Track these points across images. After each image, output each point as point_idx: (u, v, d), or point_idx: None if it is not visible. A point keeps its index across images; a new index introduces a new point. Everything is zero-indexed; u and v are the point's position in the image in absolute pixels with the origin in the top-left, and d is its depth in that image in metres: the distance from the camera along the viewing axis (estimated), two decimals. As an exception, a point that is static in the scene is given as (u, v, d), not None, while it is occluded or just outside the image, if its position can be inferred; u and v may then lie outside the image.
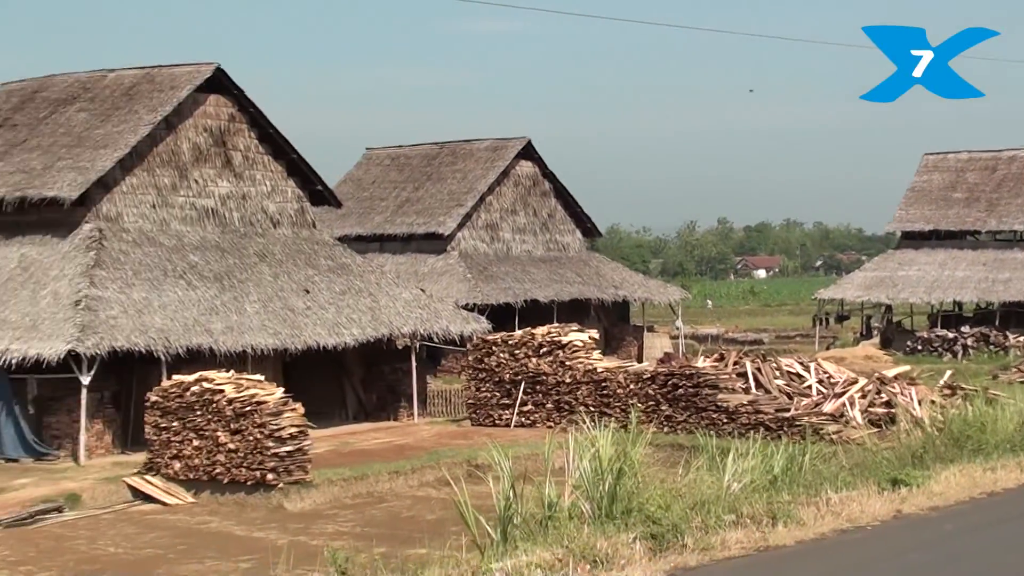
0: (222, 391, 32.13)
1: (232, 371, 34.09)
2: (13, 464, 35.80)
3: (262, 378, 33.61)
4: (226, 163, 43.82)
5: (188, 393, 32.61)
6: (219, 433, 31.84)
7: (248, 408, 31.61)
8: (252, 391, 31.96)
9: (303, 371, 42.17)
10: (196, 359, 36.95)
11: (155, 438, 32.98)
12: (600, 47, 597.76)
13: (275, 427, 31.21)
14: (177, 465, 32.43)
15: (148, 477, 32.60)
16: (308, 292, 42.74)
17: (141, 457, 34.02)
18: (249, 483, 31.39)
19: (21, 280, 38.57)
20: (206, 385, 32.49)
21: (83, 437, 35.79)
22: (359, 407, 45.83)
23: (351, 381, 45.87)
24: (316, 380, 42.86)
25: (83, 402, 35.62)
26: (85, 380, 35.41)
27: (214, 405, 32.06)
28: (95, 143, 41.35)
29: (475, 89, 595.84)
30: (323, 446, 36.19)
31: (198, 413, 32.30)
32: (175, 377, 33.69)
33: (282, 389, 33.07)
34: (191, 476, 32.25)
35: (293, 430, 31.41)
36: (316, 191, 47.31)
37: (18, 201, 40.05)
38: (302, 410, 32.09)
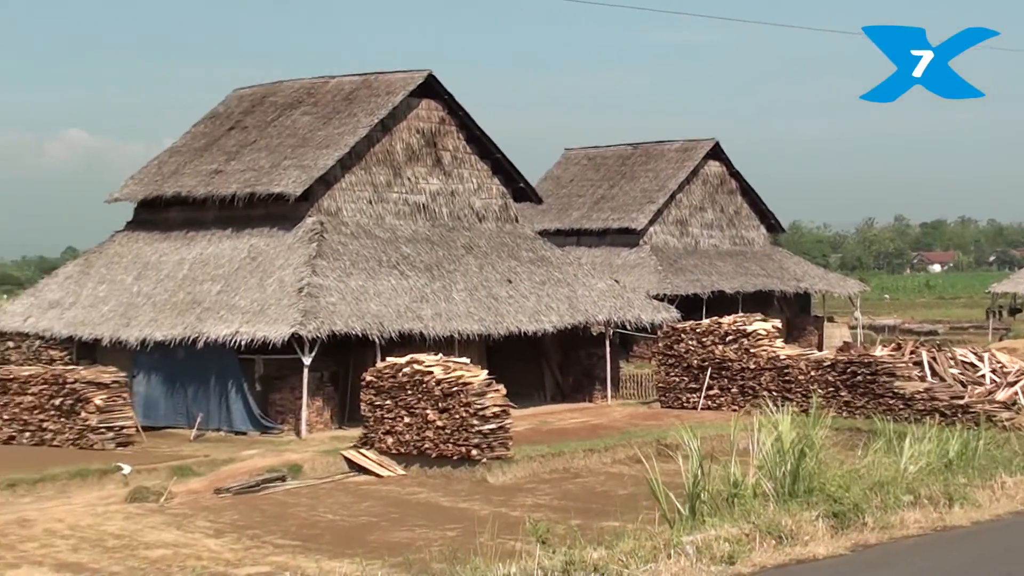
0: (431, 372, 32.33)
1: (440, 354, 34.27)
2: (242, 437, 36.51)
3: (468, 361, 33.73)
4: (436, 162, 44.12)
5: (400, 374, 32.87)
6: (428, 411, 32.04)
7: (455, 389, 31.76)
8: (459, 373, 32.10)
9: (505, 355, 42.28)
10: (407, 343, 37.26)
11: (370, 415, 33.30)
12: (779, 54, 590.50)
13: (479, 406, 31.32)
14: (389, 440, 32.72)
15: (363, 451, 32.94)
16: (511, 282, 42.86)
17: (356, 432, 34.39)
18: (455, 458, 31.54)
19: (250, 269, 39.27)
20: (417, 367, 32.71)
21: (304, 413, 36.35)
22: (556, 389, 45.86)
23: (549, 365, 45.93)
24: (517, 363, 42.95)
25: (305, 381, 36.17)
26: (307, 361, 35.93)
27: (424, 385, 32.28)
28: (317, 144, 41.92)
29: (665, 93, 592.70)
30: (523, 425, 36.26)
31: (409, 392, 32.54)
32: (388, 359, 33.97)
33: (486, 371, 33.18)
34: (402, 450, 32.50)
35: (496, 409, 31.49)
36: (519, 188, 47.38)
37: (248, 196, 40.82)
38: (504, 391, 32.16)
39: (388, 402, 32.88)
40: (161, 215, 43.52)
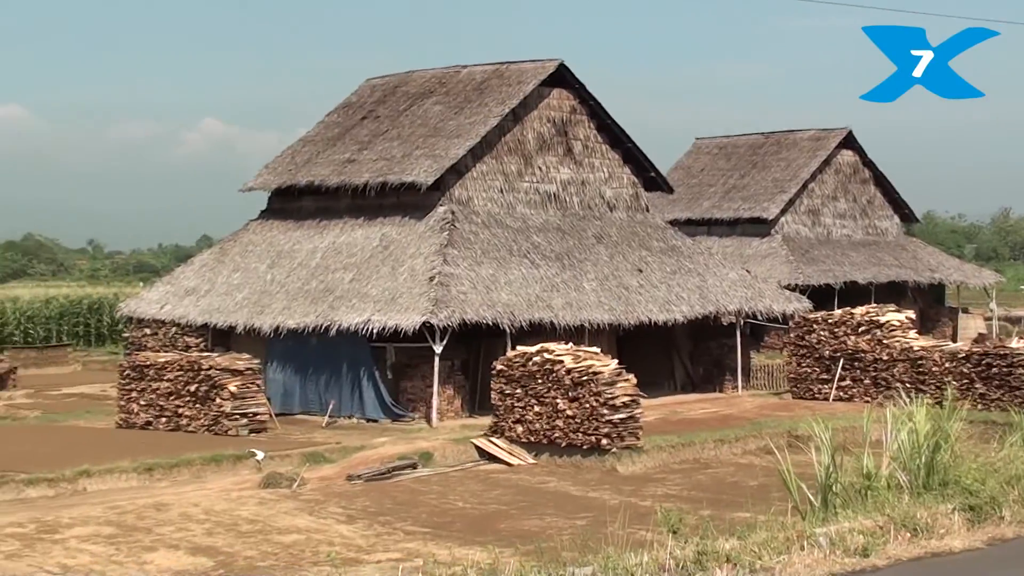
0: (561, 362, 32.31)
1: (570, 343, 34.26)
2: (373, 424, 36.80)
3: (598, 350, 33.67)
4: (567, 151, 44.08)
5: (530, 363, 32.90)
6: (558, 400, 32.05)
7: (585, 378, 31.71)
8: (589, 362, 32.05)
9: (635, 344, 42.17)
10: (538, 332, 37.28)
11: (500, 404, 33.38)
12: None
13: (609, 396, 31.25)
14: (519, 429, 32.77)
15: (493, 439, 33.03)
16: (641, 271, 42.71)
17: (486, 421, 34.51)
18: (585, 447, 31.51)
19: (382, 258, 39.55)
20: (547, 356, 32.72)
21: (435, 401, 36.52)
22: (686, 379, 45.63)
23: (679, 355, 45.71)
24: (647, 353, 42.80)
25: (436, 369, 36.34)
26: (438, 349, 36.10)
27: (554, 375, 32.27)
28: (449, 133, 42.08)
29: (798, 81, 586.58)
30: (653, 414, 36.12)
31: (539, 381, 32.56)
32: (519, 348, 34.01)
33: (616, 361, 33.09)
34: (532, 439, 32.54)
35: (626, 399, 31.41)
36: (649, 178, 47.19)
37: (380, 186, 41.12)
38: (634, 380, 32.06)
39: (518, 391, 32.93)
40: (294, 204, 44.00)
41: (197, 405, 35.65)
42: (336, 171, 42.83)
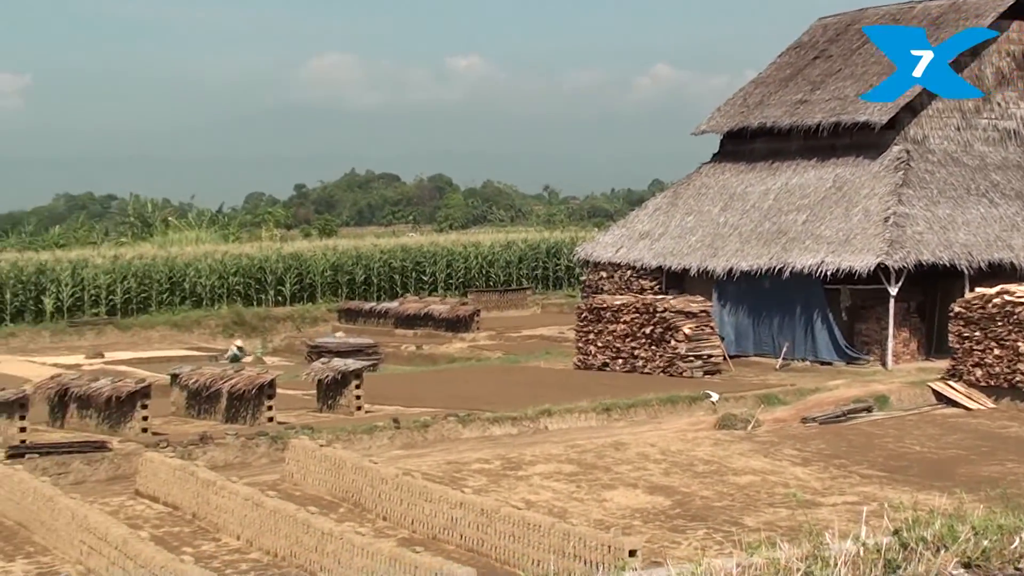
0: (1023, 303, 31.20)
1: (1032, 285, 32.98)
2: (827, 367, 36.54)
3: (1062, 292, 32.31)
4: (1028, 86, 42.27)
5: (990, 305, 31.89)
6: (1019, 343, 30.97)
7: (1048, 320, 30.53)
8: (1052, 304, 30.82)
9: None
10: (997, 273, 36.10)
11: (958, 346, 32.52)
12: None
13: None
14: (978, 372, 31.86)
15: (950, 383, 32.23)
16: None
17: (943, 364, 33.68)
18: (1050, 392, 30.38)
19: (835, 199, 39.10)
20: (1007, 297, 31.62)
21: (890, 344, 35.97)
22: None
23: None
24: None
25: (891, 312, 35.80)
26: (893, 291, 35.52)
27: (1014, 317, 31.18)
28: (903, 71, 41.06)
29: None
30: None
31: (999, 324, 31.52)
32: (977, 290, 33.04)
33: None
34: (991, 383, 31.57)
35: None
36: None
37: (832, 126, 40.58)
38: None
39: (977, 333, 31.99)
40: (746, 146, 44.00)
41: (652, 347, 36.28)
42: (788, 112, 42.55)
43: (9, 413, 27.31)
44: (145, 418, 28.03)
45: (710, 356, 35.78)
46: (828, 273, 36.32)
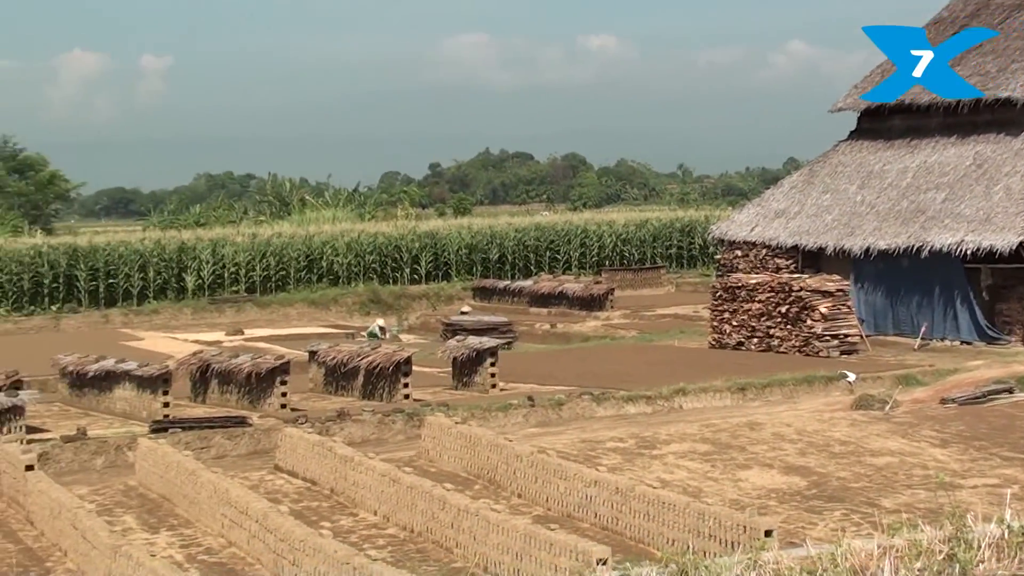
0: None
1: None
2: (967, 347, 35.94)
3: None
4: None
5: None
6: None
7: None
8: None
9: None
10: None
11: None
12: None
13: None
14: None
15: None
16: None
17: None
18: None
19: (975, 176, 38.42)
20: None
21: (1032, 324, 35.31)
22: None
23: None
24: None
25: (1033, 291, 35.11)
26: (1035, 270, 34.85)
27: None
28: (1047, 45, 40.19)
29: None
30: None
31: None
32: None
33: None
34: None
35: None
36: None
37: (973, 103, 39.82)
38: None
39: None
40: (884, 123, 43.34)
41: (788, 326, 35.94)
42: (927, 89, 41.80)
43: (153, 388, 27.90)
44: (284, 394, 28.45)
45: (847, 336, 35.35)
46: (968, 252, 35.71)
